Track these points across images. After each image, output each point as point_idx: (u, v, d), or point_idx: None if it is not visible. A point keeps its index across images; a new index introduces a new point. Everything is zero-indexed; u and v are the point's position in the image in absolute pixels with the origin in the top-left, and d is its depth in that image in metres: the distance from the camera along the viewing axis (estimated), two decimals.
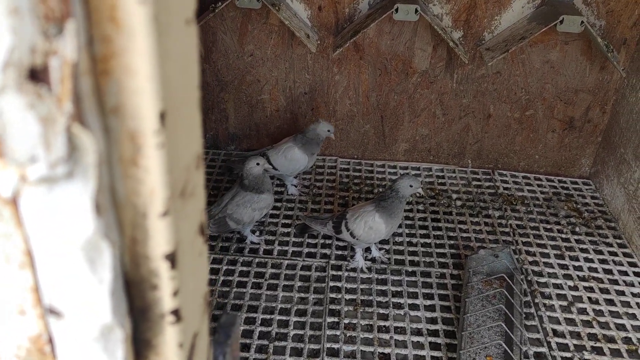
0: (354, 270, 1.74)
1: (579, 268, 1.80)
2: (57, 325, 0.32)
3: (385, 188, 1.68)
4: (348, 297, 1.65)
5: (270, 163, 1.95)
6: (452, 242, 1.89)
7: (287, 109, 2.22)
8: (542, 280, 1.74)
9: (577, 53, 2.00)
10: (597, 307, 1.65)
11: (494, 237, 1.91)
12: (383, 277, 1.73)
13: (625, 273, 1.78)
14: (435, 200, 2.09)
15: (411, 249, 1.85)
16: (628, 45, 1.97)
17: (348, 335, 1.53)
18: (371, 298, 1.65)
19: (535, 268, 1.78)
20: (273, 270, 1.73)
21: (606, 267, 1.80)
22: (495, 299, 1.58)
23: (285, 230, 1.91)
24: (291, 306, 1.61)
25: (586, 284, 1.73)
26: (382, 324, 1.57)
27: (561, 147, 2.23)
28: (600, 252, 1.87)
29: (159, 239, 0.32)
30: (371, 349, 1.49)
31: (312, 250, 1.82)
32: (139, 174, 0.30)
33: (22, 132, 0.26)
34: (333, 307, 1.61)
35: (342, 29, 2.02)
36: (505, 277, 1.63)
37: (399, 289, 1.68)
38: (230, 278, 1.70)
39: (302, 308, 1.61)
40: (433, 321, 1.58)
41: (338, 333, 1.53)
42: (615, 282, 1.75)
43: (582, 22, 1.79)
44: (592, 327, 1.58)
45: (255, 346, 1.48)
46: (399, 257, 1.81)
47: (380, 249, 1.82)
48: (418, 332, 1.55)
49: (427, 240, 1.89)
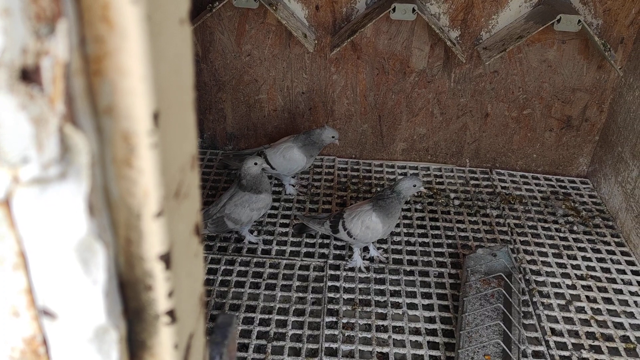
0: (352, 269, 1.74)
1: (577, 267, 1.80)
2: (51, 327, 0.31)
3: (385, 188, 1.68)
4: (346, 296, 1.65)
5: (268, 162, 1.95)
6: (450, 241, 1.89)
7: (285, 108, 2.22)
8: (540, 279, 1.74)
9: (574, 52, 2.01)
10: (595, 305, 1.65)
11: (492, 236, 1.91)
12: (381, 276, 1.73)
13: (623, 272, 1.79)
14: (433, 200, 2.09)
15: (409, 248, 1.85)
16: (625, 44, 1.97)
17: (346, 334, 1.53)
18: (369, 297, 1.65)
19: (533, 267, 1.78)
20: (271, 270, 1.73)
21: (604, 265, 1.81)
22: (494, 297, 1.58)
23: (284, 230, 1.90)
24: (289, 306, 1.61)
25: (584, 282, 1.73)
26: (380, 323, 1.57)
27: (559, 146, 2.23)
28: (598, 251, 1.87)
29: (153, 240, 0.32)
30: (369, 348, 1.49)
31: (311, 250, 1.82)
32: (133, 175, 0.30)
33: (14, 133, 0.25)
34: (331, 306, 1.61)
35: (340, 29, 2.02)
36: (503, 276, 1.63)
37: (397, 289, 1.68)
38: (228, 278, 1.70)
39: (301, 308, 1.61)
40: (431, 320, 1.58)
41: (336, 332, 1.53)
42: (613, 280, 1.75)
43: (580, 21, 1.79)
44: (590, 325, 1.59)
45: (253, 346, 1.48)
46: (397, 256, 1.81)
47: (378, 249, 1.82)
48: (416, 332, 1.55)
49: (425, 240, 1.89)
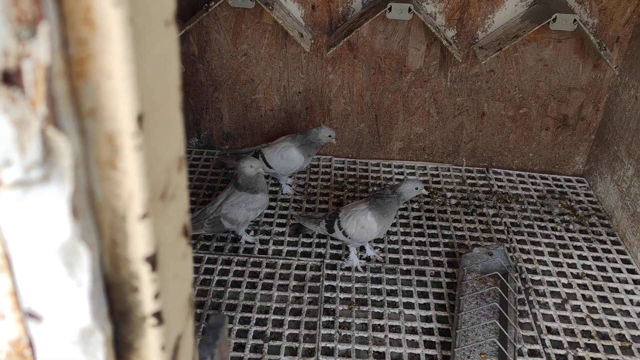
0: (348, 269, 1.74)
1: (573, 265, 1.80)
2: (37, 329, 0.31)
3: (385, 187, 1.68)
4: (343, 296, 1.65)
5: (265, 161, 1.95)
6: (446, 240, 1.89)
7: (282, 108, 2.22)
8: (536, 277, 1.74)
9: (570, 51, 2.01)
10: (590, 304, 1.65)
11: (489, 235, 1.91)
12: (378, 276, 1.73)
13: (619, 270, 1.79)
14: (430, 199, 2.09)
15: (406, 247, 1.85)
16: (621, 43, 1.97)
17: (343, 334, 1.53)
18: (366, 297, 1.65)
19: (530, 266, 1.79)
20: (268, 270, 1.73)
21: (600, 264, 1.81)
22: (490, 296, 1.58)
23: (280, 229, 1.90)
24: (286, 305, 1.61)
25: (580, 281, 1.74)
26: (376, 322, 1.57)
27: (555, 145, 2.23)
28: (594, 250, 1.87)
29: (138, 242, 0.32)
30: (366, 347, 1.49)
31: (307, 249, 1.82)
32: (117, 177, 0.30)
33: None
34: (328, 306, 1.61)
35: (336, 28, 2.02)
36: (500, 275, 1.64)
37: (393, 288, 1.69)
38: (224, 278, 1.70)
39: (297, 307, 1.61)
40: (428, 319, 1.59)
41: (333, 332, 1.53)
42: (608, 279, 1.75)
43: (575, 20, 1.79)
44: (585, 324, 1.59)
45: (250, 346, 1.48)
46: (393, 255, 1.81)
47: (374, 248, 1.82)
48: (413, 331, 1.55)
49: (422, 239, 1.89)
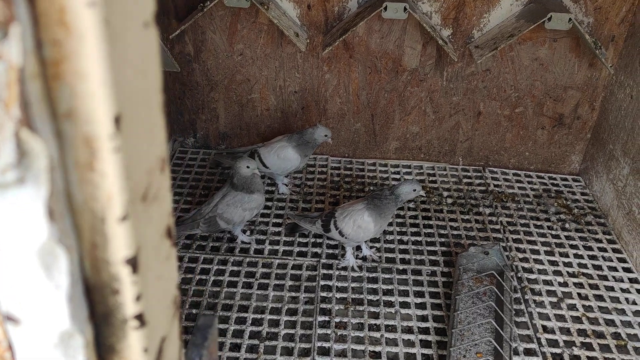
0: (345, 269, 1.74)
1: (569, 264, 1.80)
2: (16, 332, 0.31)
3: (383, 188, 1.68)
4: (339, 295, 1.65)
5: (262, 161, 1.95)
6: (443, 239, 1.89)
7: (278, 108, 2.22)
8: (532, 276, 1.74)
9: (565, 50, 2.01)
10: (586, 303, 1.65)
11: (485, 234, 1.91)
12: (374, 275, 1.73)
13: (615, 269, 1.79)
14: (426, 198, 2.09)
15: (402, 247, 1.85)
16: (616, 42, 1.97)
17: (339, 333, 1.53)
18: (362, 296, 1.65)
19: (525, 265, 1.79)
20: (264, 270, 1.73)
21: (596, 263, 1.81)
22: (486, 296, 1.58)
23: (276, 229, 1.90)
24: (282, 305, 1.61)
25: (576, 280, 1.74)
26: (373, 322, 1.57)
27: (551, 144, 2.23)
28: (590, 248, 1.87)
29: (118, 244, 0.32)
30: (362, 347, 1.49)
31: (303, 249, 1.82)
32: (96, 179, 0.30)
33: None
34: (324, 306, 1.61)
35: (332, 28, 2.02)
36: (495, 274, 1.64)
37: (389, 287, 1.69)
38: (221, 278, 1.70)
39: (293, 307, 1.61)
40: (424, 319, 1.59)
41: (329, 332, 1.53)
42: (604, 278, 1.75)
43: (570, 19, 1.79)
44: (581, 323, 1.59)
45: (246, 346, 1.48)
46: (389, 255, 1.81)
47: (371, 248, 1.82)
48: (409, 330, 1.55)
49: (418, 238, 1.89)
